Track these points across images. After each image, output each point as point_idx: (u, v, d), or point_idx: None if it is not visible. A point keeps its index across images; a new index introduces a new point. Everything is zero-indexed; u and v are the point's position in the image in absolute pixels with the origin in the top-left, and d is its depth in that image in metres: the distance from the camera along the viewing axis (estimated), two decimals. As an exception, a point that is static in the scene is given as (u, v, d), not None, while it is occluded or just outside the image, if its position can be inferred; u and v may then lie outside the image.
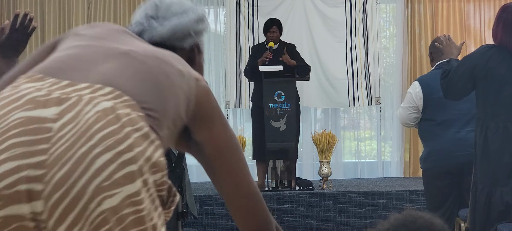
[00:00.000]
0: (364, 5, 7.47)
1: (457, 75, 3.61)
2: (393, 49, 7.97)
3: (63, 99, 1.36)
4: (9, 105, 1.36)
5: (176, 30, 1.70)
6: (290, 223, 5.91)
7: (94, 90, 1.40)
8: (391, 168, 7.71)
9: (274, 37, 6.34)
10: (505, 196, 3.52)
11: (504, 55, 3.51)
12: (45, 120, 1.33)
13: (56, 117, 1.34)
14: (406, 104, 4.33)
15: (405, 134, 7.56)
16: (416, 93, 4.24)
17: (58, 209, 1.31)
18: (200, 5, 1.93)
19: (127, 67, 1.49)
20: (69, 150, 1.32)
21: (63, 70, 1.45)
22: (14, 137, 1.31)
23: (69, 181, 1.30)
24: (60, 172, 1.31)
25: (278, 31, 6.39)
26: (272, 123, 6.09)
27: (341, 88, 7.49)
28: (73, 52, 1.51)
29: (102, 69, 1.46)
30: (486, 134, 3.56)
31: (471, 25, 7.67)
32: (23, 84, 1.41)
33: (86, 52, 1.51)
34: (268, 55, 6.15)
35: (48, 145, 1.31)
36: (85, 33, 1.59)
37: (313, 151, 7.05)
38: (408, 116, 4.31)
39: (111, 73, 1.45)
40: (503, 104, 3.52)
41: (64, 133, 1.33)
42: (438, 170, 4.16)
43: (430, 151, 4.23)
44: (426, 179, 4.31)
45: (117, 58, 1.50)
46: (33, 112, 1.34)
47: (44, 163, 1.30)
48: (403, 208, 6.17)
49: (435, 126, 4.19)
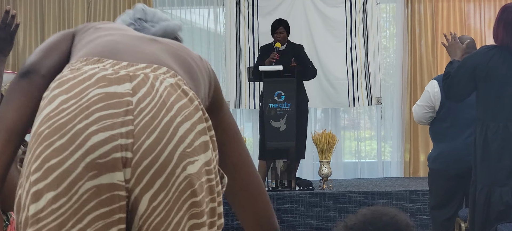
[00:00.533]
0: (364, 5, 7.47)
1: (458, 76, 3.61)
2: (393, 49, 7.97)
3: (132, 76, 1.43)
4: (82, 84, 1.40)
5: (167, 31, 1.80)
6: (290, 223, 5.90)
7: (153, 69, 1.47)
8: (391, 168, 7.70)
9: (281, 38, 6.35)
10: (505, 196, 3.51)
11: (505, 55, 3.51)
12: (123, 94, 1.39)
13: (132, 92, 1.40)
14: (422, 103, 4.24)
15: (405, 134, 7.55)
16: (434, 93, 4.15)
17: (147, 175, 1.37)
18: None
19: (164, 51, 1.56)
20: (154, 119, 1.39)
21: (114, 53, 1.50)
22: (100, 111, 1.37)
23: (157, 148, 1.38)
24: (148, 140, 1.37)
25: (285, 32, 6.40)
26: (272, 122, 6.09)
27: (341, 89, 7.48)
28: (111, 39, 1.56)
29: (147, 52, 1.53)
30: (486, 133, 3.56)
31: (471, 25, 7.66)
32: (85, 66, 1.45)
33: (123, 39, 1.57)
34: (274, 56, 6.16)
35: (132, 117, 1.38)
36: (104, 26, 1.65)
37: (313, 151, 7.05)
38: (423, 115, 4.25)
39: (158, 55, 1.53)
40: (504, 104, 3.52)
41: (144, 105, 1.39)
42: (447, 173, 4.13)
43: (441, 153, 4.17)
44: (432, 178, 4.28)
45: (152, 43, 1.58)
46: (110, 88, 1.39)
47: (132, 132, 1.37)
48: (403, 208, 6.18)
49: (449, 128, 4.13)
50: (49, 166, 1.34)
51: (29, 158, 1.38)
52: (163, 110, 1.41)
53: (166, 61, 1.52)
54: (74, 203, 1.34)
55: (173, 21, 1.85)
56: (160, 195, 1.38)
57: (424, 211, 5.73)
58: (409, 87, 7.52)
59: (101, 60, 1.47)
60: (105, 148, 1.35)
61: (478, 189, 3.61)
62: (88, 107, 1.37)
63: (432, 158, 4.26)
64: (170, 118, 1.41)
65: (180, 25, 1.86)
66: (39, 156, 1.36)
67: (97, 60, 1.47)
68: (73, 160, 1.34)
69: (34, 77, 1.52)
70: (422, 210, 5.82)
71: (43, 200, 1.34)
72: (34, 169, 1.36)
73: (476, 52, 3.69)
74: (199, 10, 7.75)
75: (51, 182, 1.34)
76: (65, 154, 1.34)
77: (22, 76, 1.52)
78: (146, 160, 1.37)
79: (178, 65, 1.54)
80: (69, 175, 1.34)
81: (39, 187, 1.34)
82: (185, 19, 7.75)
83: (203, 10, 7.73)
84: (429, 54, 7.49)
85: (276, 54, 6.16)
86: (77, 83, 1.41)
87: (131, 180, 1.37)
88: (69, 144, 1.35)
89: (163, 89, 1.43)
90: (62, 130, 1.35)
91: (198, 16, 7.78)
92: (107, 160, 1.35)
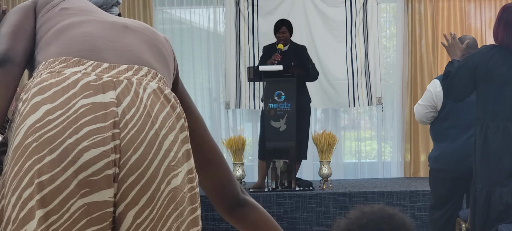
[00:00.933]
0: (364, 5, 7.46)
1: (459, 76, 3.60)
2: (393, 49, 7.96)
3: (115, 82, 1.40)
4: (66, 92, 1.37)
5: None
6: (290, 223, 5.89)
7: (135, 71, 1.45)
8: (391, 168, 7.69)
9: (284, 38, 6.33)
10: (505, 196, 3.51)
11: (505, 55, 3.51)
12: (108, 104, 1.37)
13: (116, 102, 1.38)
14: (424, 102, 4.23)
15: (406, 134, 7.54)
16: (437, 93, 4.13)
17: (132, 192, 1.35)
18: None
19: (141, 43, 1.54)
20: (140, 133, 1.37)
21: (94, 52, 1.46)
22: (89, 124, 1.34)
23: (144, 164, 1.36)
24: (135, 155, 1.36)
25: (288, 32, 6.38)
26: (272, 123, 6.08)
27: (341, 89, 7.47)
28: (86, 31, 1.52)
29: (126, 48, 1.50)
30: (486, 133, 3.55)
31: (472, 24, 7.65)
32: (66, 69, 1.41)
33: (97, 30, 1.53)
34: (276, 57, 6.14)
35: (118, 130, 1.35)
36: (71, 6, 1.60)
37: (313, 151, 7.04)
38: (425, 114, 4.24)
39: (136, 51, 1.51)
40: (504, 104, 3.51)
41: (130, 117, 1.37)
42: (448, 173, 4.12)
43: (442, 153, 4.16)
44: (432, 178, 4.27)
45: (126, 33, 1.55)
46: (95, 98, 1.37)
47: (119, 147, 1.35)
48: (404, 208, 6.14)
49: (450, 128, 4.12)
50: (40, 181, 1.31)
51: (16, 170, 1.34)
52: (148, 123, 1.38)
53: (144, 56, 1.50)
54: (65, 221, 1.32)
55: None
56: (145, 211, 1.37)
57: (424, 211, 5.72)
58: (410, 87, 7.51)
59: (82, 62, 1.43)
60: (98, 165, 1.32)
61: (478, 189, 3.60)
62: (76, 120, 1.34)
63: (433, 158, 4.24)
64: (155, 131, 1.39)
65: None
66: (29, 170, 1.32)
67: (78, 62, 1.43)
68: (65, 177, 1.31)
69: (10, 67, 1.47)
70: (422, 210, 5.81)
71: (35, 219, 1.30)
72: (25, 184, 1.32)
73: (476, 52, 3.68)
74: (199, 10, 7.74)
75: (42, 198, 1.31)
76: (57, 170, 1.31)
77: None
78: (132, 176, 1.35)
79: (154, 58, 1.53)
80: (61, 192, 1.31)
81: (31, 204, 1.31)
82: (185, 19, 7.74)
83: (202, 10, 7.72)
84: (429, 54, 7.48)
85: (278, 55, 6.14)
86: (61, 91, 1.37)
87: (117, 195, 1.35)
88: (60, 160, 1.31)
89: (147, 97, 1.41)
90: (51, 144, 1.32)
91: (198, 16, 7.76)
92: (99, 178, 1.33)
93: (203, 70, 7.65)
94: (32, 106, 1.36)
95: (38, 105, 1.36)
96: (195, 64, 7.66)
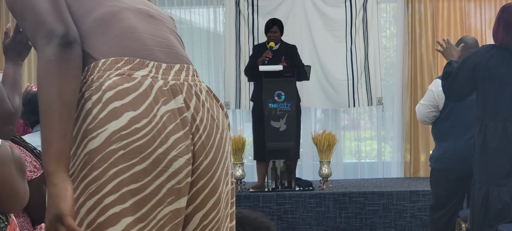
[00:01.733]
0: (364, 5, 7.45)
1: (458, 75, 3.61)
2: (393, 49, 7.96)
3: (179, 85, 1.42)
4: (145, 99, 1.37)
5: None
6: (290, 223, 5.89)
7: (186, 71, 1.48)
8: (391, 168, 7.69)
9: (275, 37, 6.32)
10: (503, 195, 3.51)
11: (505, 55, 3.51)
12: (181, 110, 1.40)
13: (185, 106, 1.41)
14: (426, 102, 4.22)
15: (406, 134, 7.54)
16: (439, 92, 4.10)
17: (201, 195, 1.40)
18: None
19: (170, 34, 1.56)
20: (209, 138, 1.42)
21: (147, 50, 1.45)
22: (174, 133, 1.37)
23: (213, 168, 1.41)
24: (206, 160, 1.41)
25: (279, 32, 6.37)
26: (272, 123, 6.07)
27: (341, 89, 7.47)
28: (130, 24, 1.48)
29: (165, 42, 1.51)
30: (485, 133, 3.55)
31: (472, 24, 7.65)
32: (136, 73, 1.39)
33: (137, 23, 1.50)
34: (268, 54, 6.13)
35: (191, 135, 1.40)
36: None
37: (313, 151, 7.04)
38: (427, 114, 4.23)
39: (175, 46, 1.53)
40: (503, 104, 3.52)
41: (199, 122, 1.42)
42: (449, 173, 4.11)
43: (444, 153, 4.14)
44: (434, 177, 4.26)
45: (157, 24, 1.55)
46: (171, 104, 1.39)
47: (193, 152, 1.40)
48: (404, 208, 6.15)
49: (452, 128, 4.11)
50: (128, 190, 1.32)
51: (96, 175, 1.32)
52: (214, 127, 1.44)
53: (181, 51, 1.54)
54: (151, 228, 1.34)
55: None
56: (212, 213, 1.42)
57: (425, 211, 5.71)
58: (410, 87, 7.51)
59: (145, 64, 1.42)
60: (183, 173, 1.36)
61: (476, 188, 3.60)
62: (162, 129, 1.35)
63: (435, 157, 4.23)
64: (220, 135, 1.45)
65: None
66: (115, 177, 1.32)
67: (141, 63, 1.41)
68: (155, 185, 1.33)
69: (78, 48, 1.40)
70: (422, 210, 5.81)
71: (121, 225, 1.31)
72: (107, 190, 1.31)
73: (475, 52, 3.69)
74: (199, 10, 7.74)
75: (129, 207, 1.32)
76: (147, 179, 1.33)
77: (66, 46, 1.37)
78: (202, 180, 1.39)
79: (182, 50, 1.56)
80: (150, 200, 1.33)
81: (116, 210, 1.31)
82: (185, 19, 7.73)
83: (202, 10, 7.72)
84: (429, 54, 7.48)
85: (269, 53, 6.13)
86: (140, 98, 1.36)
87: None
88: (151, 169, 1.33)
89: (205, 99, 1.45)
90: (142, 154, 1.32)
91: (198, 16, 7.76)
92: (183, 185, 1.37)
93: (203, 70, 7.65)
94: (111, 111, 1.34)
95: (119, 111, 1.34)
96: (195, 64, 7.49)
